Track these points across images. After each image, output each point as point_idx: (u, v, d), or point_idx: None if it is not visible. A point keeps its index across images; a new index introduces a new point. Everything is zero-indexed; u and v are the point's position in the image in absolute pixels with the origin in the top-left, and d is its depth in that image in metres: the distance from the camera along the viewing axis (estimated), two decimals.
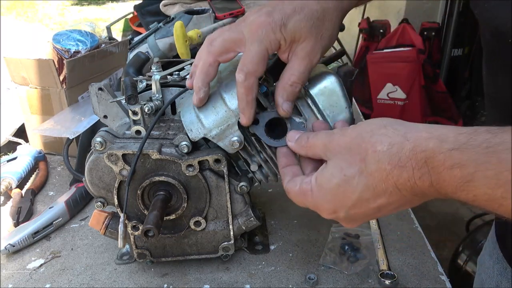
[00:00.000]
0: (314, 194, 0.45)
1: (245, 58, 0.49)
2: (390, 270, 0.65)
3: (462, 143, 0.34)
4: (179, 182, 0.60)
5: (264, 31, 0.48)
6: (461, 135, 0.35)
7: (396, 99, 2.81)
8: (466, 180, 0.34)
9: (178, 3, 1.55)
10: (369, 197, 0.41)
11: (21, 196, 0.87)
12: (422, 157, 0.36)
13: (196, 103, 0.55)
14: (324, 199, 0.45)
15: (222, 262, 0.69)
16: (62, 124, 0.91)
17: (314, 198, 0.45)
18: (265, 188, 0.88)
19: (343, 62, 1.25)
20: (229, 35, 0.51)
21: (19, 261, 0.72)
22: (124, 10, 5.25)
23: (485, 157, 0.33)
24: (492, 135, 0.33)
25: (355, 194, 0.41)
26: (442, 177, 0.35)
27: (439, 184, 0.36)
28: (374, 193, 0.40)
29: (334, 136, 0.45)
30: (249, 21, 0.49)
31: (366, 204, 0.42)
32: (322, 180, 0.44)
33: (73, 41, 1.04)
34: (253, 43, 0.48)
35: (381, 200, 0.40)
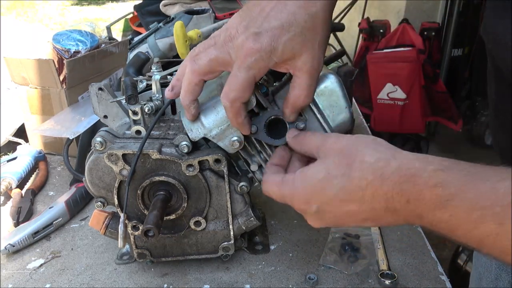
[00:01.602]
0: (295, 183, 0.47)
1: (231, 83, 0.48)
2: (390, 270, 0.65)
3: (446, 166, 0.36)
4: (179, 182, 0.60)
5: (253, 59, 0.46)
6: (445, 161, 0.37)
7: (396, 99, 2.81)
8: (446, 199, 0.35)
9: (178, 3, 1.55)
10: (343, 199, 0.42)
11: (21, 196, 0.87)
12: (407, 173, 0.38)
13: (191, 119, 0.55)
14: (302, 188, 0.46)
15: (222, 262, 0.69)
16: (62, 124, 0.91)
17: (293, 186, 0.47)
18: None
19: (343, 62, 1.25)
20: (215, 54, 0.49)
21: (19, 261, 0.72)
22: (124, 10, 5.25)
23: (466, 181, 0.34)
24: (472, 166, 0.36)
25: (332, 192, 0.43)
26: (423, 194, 0.36)
27: (417, 202, 0.37)
28: (349, 197, 0.42)
29: (329, 139, 0.46)
30: (237, 44, 0.47)
31: (338, 205, 0.43)
32: (307, 173, 0.46)
33: (73, 41, 1.04)
34: (241, 69, 0.47)
35: (353, 206, 0.42)
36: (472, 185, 0.34)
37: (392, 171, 0.38)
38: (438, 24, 3.01)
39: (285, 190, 0.48)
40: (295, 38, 0.45)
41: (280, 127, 0.54)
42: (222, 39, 0.48)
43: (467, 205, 0.34)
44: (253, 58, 0.46)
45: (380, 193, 0.39)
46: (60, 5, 7.90)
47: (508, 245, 0.32)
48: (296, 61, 0.47)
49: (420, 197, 0.36)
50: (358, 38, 3.36)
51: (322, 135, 0.48)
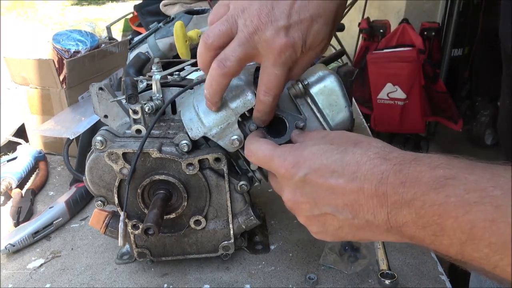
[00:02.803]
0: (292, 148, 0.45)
1: (271, 81, 0.47)
2: (390, 270, 0.65)
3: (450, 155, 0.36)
4: (179, 181, 0.60)
5: (287, 54, 0.45)
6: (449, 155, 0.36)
7: (396, 99, 2.81)
8: (446, 178, 0.33)
9: (178, 3, 1.55)
10: (335, 170, 0.40)
11: (21, 196, 0.87)
12: (410, 157, 0.37)
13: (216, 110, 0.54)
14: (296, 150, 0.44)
15: (222, 262, 0.69)
16: (62, 124, 0.91)
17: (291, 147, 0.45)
18: (265, 188, 0.87)
19: (343, 62, 1.25)
20: (244, 53, 0.46)
21: (19, 261, 0.72)
22: (124, 10, 5.25)
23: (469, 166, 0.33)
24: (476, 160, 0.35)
25: (327, 160, 0.41)
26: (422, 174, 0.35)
27: (414, 183, 0.35)
28: (342, 169, 0.39)
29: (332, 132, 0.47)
30: (265, 38, 0.45)
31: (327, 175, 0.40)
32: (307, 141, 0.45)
33: (73, 41, 1.04)
34: (276, 66, 0.46)
35: (341, 180, 0.39)
36: (475, 170, 0.33)
37: (396, 155, 0.38)
38: (438, 24, 3.01)
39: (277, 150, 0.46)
40: (323, 28, 0.46)
41: (280, 127, 0.54)
42: (246, 31, 0.45)
43: (466, 186, 0.32)
44: (287, 54, 0.45)
45: (375, 171, 0.37)
46: (60, 5, 7.90)
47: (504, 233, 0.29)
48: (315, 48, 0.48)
49: (419, 177, 0.35)
50: (358, 38, 3.36)
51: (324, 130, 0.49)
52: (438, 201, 0.33)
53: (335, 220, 0.42)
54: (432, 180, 0.34)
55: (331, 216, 0.42)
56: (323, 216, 0.43)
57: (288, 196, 0.46)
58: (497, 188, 0.30)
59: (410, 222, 0.35)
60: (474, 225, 0.30)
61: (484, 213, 0.30)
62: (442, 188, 0.33)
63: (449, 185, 0.33)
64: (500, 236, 0.29)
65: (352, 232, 0.41)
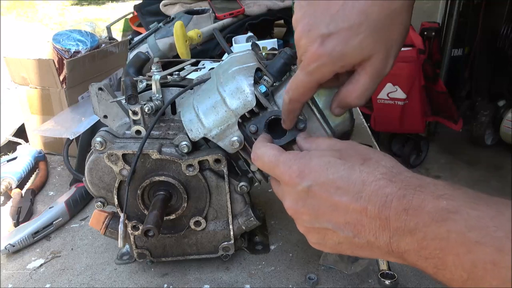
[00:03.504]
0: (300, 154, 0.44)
1: (293, 82, 0.47)
2: (390, 270, 0.65)
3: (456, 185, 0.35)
4: (179, 182, 0.60)
5: (316, 65, 0.43)
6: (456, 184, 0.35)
7: (396, 99, 2.81)
8: (449, 212, 0.32)
9: (178, 3, 1.55)
10: (340, 187, 0.39)
11: (21, 196, 0.87)
12: (416, 183, 0.36)
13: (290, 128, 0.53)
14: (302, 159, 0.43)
15: (222, 262, 0.69)
16: (62, 125, 0.91)
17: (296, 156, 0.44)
18: (265, 188, 0.87)
19: None
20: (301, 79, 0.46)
21: (19, 261, 0.72)
22: (124, 10, 5.25)
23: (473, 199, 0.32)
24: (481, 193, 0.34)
25: (333, 176, 0.40)
26: (425, 204, 0.34)
27: (416, 211, 0.34)
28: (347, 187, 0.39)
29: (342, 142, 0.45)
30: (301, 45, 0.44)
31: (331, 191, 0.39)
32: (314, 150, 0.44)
33: (73, 41, 1.04)
34: (303, 72, 0.45)
35: (345, 198, 0.38)
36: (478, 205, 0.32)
37: (402, 178, 0.37)
38: (438, 24, 3.01)
39: (283, 156, 0.45)
40: (366, 39, 0.41)
41: (280, 127, 0.54)
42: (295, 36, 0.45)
43: (468, 222, 0.31)
44: (315, 64, 0.43)
45: (380, 194, 0.37)
46: (60, 5, 7.90)
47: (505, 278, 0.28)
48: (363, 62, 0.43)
49: (421, 206, 0.34)
50: None
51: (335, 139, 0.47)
52: (440, 235, 0.32)
53: (335, 236, 0.41)
54: (434, 211, 0.33)
55: (331, 232, 0.41)
56: (323, 230, 0.42)
57: (289, 204, 0.45)
58: (500, 228, 0.29)
59: (412, 251, 0.35)
60: (476, 265, 0.30)
61: (485, 255, 0.29)
62: (444, 222, 0.32)
63: (451, 220, 0.32)
64: (501, 281, 0.28)
65: (351, 249, 0.41)
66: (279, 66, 0.56)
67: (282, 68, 0.56)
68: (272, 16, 1.55)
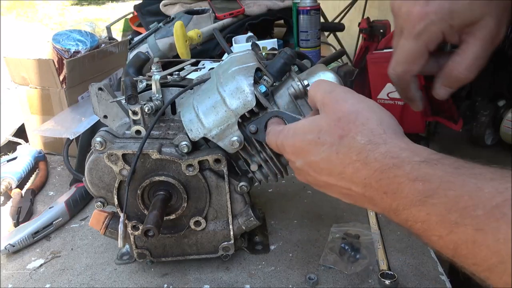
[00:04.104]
0: (289, 134, 0.45)
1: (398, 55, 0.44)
2: (390, 270, 0.65)
3: (434, 159, 0.33)
4: (179, 182, 0.60)
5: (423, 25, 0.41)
6: (435, 155, 0.34)
7: (396, 99, 2.80)
8: (425, 195, 0.32)
9: (178, 3, 1.55)
10: (324, 168, 0.41)
11: (21, 196, 0.87)
12: (389, 163, 0.35)
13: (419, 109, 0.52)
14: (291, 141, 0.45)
15: (222, 262, 0.69)
16: (62, 125, 0.91)
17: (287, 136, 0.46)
18: (265, 188, 0.87)
19: (343, 62, 1.25)
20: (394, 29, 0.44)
21: (19, 261, 0.72)
22: (124, 10, 5.25)
23: (451, 176, 0.31)
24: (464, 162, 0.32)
25: (316, 157, 0.41)
26: (401, 188, 0.34)
27: (394, 195, 0.34)
28: (330, 169, 0.40)
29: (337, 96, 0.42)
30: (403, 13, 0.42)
31: (319, 171, 0.42)
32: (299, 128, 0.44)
33: (73, 41, 1.04)
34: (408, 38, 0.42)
35: (331, 178, 0.40)
36: (457, 182, 0.30)
37: (376, 156, 0.36)
38: None
39: (280, 138, 0.47)
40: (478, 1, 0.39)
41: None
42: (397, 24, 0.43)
43: (446, 204, 0.30)
44: (423, 24, 0.41)
45: (359, 176, 0.37)
46: (60, 5, 7.90)
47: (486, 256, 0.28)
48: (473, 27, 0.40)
49: (398, 190, 0.34)
50: (358, 38, 3.35)
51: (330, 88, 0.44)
52: (420, 218, 0.32)
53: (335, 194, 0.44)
54: (411, 195, 0.33)
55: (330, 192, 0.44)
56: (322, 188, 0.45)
57: (296, 175, 0.48)
58: (478, 207, 0.28)
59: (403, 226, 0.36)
60: (457, 245, 0.30)
61: (466, 235, 0.29)
62: (422, 205, 0.32)
63: (429, 203, 0.31)
64: (483, 259, 0.28)
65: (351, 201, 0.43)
66: (279, 66, 0.56)
67: (282, 68, 0.56)
68: (272, 16, 1.55)
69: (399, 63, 0.44)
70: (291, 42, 1.50)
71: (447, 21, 0.40)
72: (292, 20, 1.39)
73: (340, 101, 0.42)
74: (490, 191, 0.28)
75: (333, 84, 0.46)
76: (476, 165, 0.32)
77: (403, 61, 0.44)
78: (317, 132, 0.42)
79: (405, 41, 0.43)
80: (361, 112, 0.40)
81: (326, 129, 0.41)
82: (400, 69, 0.45)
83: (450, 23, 0.40)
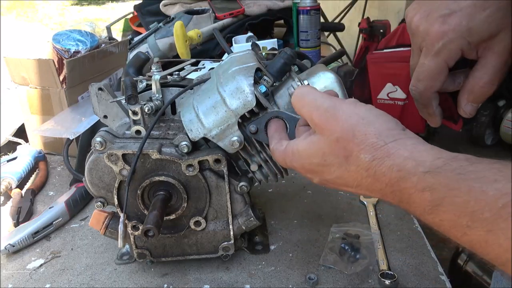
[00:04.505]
0: (295, 159, 0.46)
1: (419, 73, 0.45)
2: (390, 270, 0.65)
3: (437, 167, 0.34)
4: (179, 182, 0.60)
5: (441, 43, 0.42)
6: (439, 160, 0.35)
7: (396, 99, 2.80)
8: (435, 204, 0.33)
9: (178, 3, 1.55)
10: (341, 184, 0.42)
11: (21, 196, 0.87)
12: (396, 176, 0.36)
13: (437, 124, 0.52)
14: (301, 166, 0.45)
15: (222, 262, 0.69)
16: (62, 125, 0.91)
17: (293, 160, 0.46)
18: (265, 188, 0.87)
19: (343, 62, 1.25)
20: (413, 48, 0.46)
21: (19, 261, 0.72)
22: (124, 10, 5.25)
23: (455, 183, 0.32)
24: (468, 163, 0.33)
25: (330, 177, 0.42)
26: (412, 198, 0.35)
27: (408, 204, 0.36)
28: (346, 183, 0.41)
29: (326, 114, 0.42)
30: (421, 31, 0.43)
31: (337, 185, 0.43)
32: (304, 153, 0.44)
33: (73, 41, 1.04)
34: (427, 57, 0.43)
35: (351, 189, 0.42)
36: (462, 188, 0.32)
37: (384, 171, 0.37)
38: None
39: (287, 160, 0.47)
40: (493, 14, 0.40)
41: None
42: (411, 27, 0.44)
43: (455, 210, 0.32)
44: (441, 42, 0.42)
45: (374, 188, 0.39)
46: (60, 5, 7.89)
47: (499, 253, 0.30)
48: (490, 41, 0.41)
49: (410, 200, 0.35)
50: (358, 38, 3.35)
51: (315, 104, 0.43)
52: (435, 224, 0.34)
53: None
54: (422, 204, 0.34)
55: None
56: None
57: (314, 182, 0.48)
58: (485, 209, 0.30)
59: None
60: (473, 244, 0.32)
61: (477, 236, 0.31)
62: (434, 213, 0.34)
63: (440, 211, 0.33)
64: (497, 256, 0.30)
65: None
66: (279, 66, 0.56)
67: (282, 68, 0.56)
68: (272, 16, 1.55)
69: (420, 80, 0.45)
70: (291, 42, 1.50)
71: (465, 38, 0.41)
72: (292, 20, 1.39)
73: (330, 119, 0.41)
74: (495, 194, 0.30)
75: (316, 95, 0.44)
76: (479, 165, 0.33)
77: (424, 78, 0.45)
78: (321, 155, 0.42)
79: (425, 58, 0.44)
80: (356, 128, 0.40)
81: (328, 152, 0.41)
82: (422, 86, 0.46)
83: (468, 40, 0.41)
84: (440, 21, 0.41)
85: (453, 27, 0.41)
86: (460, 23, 0.41)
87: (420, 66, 0.45)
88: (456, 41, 0.42)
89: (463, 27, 0.41)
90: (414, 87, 0.47)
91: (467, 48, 0.42)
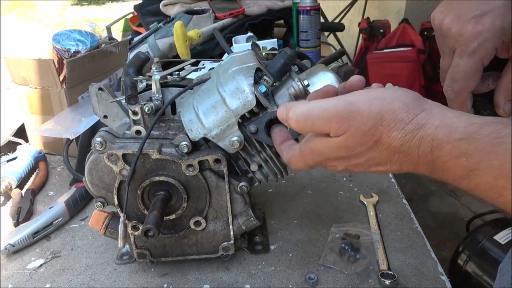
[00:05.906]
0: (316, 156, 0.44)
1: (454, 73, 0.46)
2: (390, 270, 0.65)
3: (472, 132, 0.34)
4: (179, 182, 0.60)
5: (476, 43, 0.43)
6: (472, 126, 0.35)
7: None
8: (470, 169, 0.34)
9: (178, 3, 1.55)
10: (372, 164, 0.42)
11: (21, 196, 0.87)
12: (430, 146, 0.36)
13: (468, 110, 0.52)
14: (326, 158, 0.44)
15: (222, 262, 0.69)
16: (62, 125, 0.91)
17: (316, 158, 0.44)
18: (265, 188, 0.87)
19: (343, 62, 1.25)
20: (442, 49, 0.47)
21: (19, 261, 0.72)
22: (124, 10, 5.25)
23: (492, 147, 0.33)
24: (503, 126, 0.34)
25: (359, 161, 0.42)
26: (447, 166, 0.36)
27: (442, 172, 0.36)
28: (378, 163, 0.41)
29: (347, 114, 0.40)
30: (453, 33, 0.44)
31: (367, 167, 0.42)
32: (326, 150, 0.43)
33: (73, 41, 1.04)
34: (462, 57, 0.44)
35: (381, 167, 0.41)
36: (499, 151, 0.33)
37: (417, 144, 0.37)
38: None
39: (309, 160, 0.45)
40: None
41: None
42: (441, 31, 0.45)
43: (492, 173, 0.33)
44: (476, 42, 0.43)
45: (406, 162, 0.39)
46: (60, 5, 7.89)
47: None
48: None
49: (444, 168, 0.36)
50: (358, 38, 3.36)
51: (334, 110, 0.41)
52: (470, 188, 0.35)
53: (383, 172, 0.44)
54: (457, 170, 0.35)
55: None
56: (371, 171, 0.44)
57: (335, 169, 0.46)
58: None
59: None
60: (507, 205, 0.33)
61: None
62: (469, 178, 0.34)
63: (475, 175, 0.34)
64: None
65: None
66: (279, 66, 0.56)
67: (282, 68, 0.56)
68: (272, 16, 1.55)
69: (456, 80, 0.46)
70: (291, 42, 1.50)
71: (500, 37, 0.42)
72: (292, 20, 1.39)
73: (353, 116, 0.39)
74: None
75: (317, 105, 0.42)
76: None
77: (460, 78, 0.46)
78: (346, 149, 0.41)
79: (460, 59, 0.44)
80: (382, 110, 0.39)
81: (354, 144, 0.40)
82: (458, 87, 0.46)
83: (502, 39, 0.43)
84: (473, 22, 0.42)
85: (487, 27, 0.42)
86: (494, 23, 0.42)
87: (455, 66, 0.45)
88: (491, 40, 0.43)
89: (497, 27, 0.42)
90: (449, 87, 0.47)
91: (501, 47, 0.43)
